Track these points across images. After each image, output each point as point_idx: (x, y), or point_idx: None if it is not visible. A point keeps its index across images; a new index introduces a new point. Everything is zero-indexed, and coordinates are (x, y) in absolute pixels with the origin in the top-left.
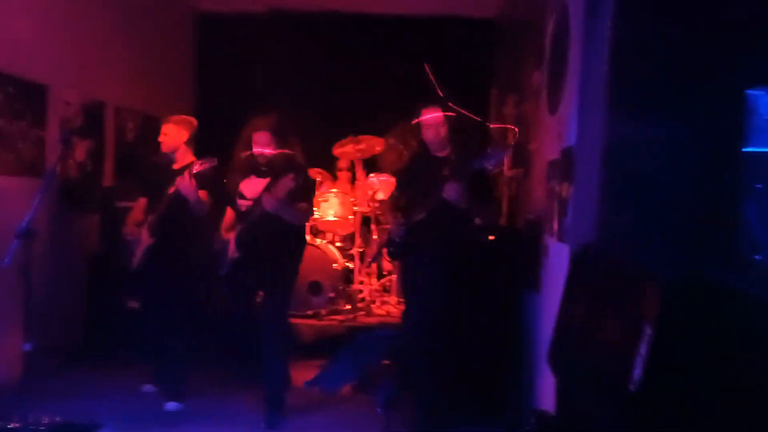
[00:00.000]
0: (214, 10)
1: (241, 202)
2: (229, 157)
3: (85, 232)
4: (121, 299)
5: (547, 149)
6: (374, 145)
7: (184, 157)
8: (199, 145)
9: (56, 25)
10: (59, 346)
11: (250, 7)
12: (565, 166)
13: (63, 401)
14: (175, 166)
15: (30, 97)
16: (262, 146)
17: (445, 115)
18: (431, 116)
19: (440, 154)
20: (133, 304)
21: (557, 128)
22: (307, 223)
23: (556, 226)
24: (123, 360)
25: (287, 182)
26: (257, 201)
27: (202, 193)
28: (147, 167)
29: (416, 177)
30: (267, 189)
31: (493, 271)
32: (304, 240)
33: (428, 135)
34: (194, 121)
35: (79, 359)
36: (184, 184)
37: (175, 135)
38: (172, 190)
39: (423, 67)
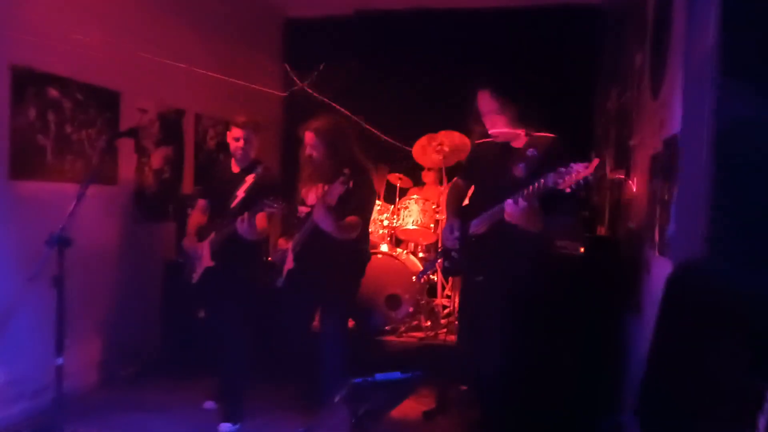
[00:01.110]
0: (301, 16)
1: (301, 208)
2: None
3: (161, 241)
4: (193, 309)
5: (649, 142)
6: (458, 147)
7: (249, 157)
8: (286, 152)
9: (130, 31)
10: (136, 354)
11: (336, 10)
12: (667, 162)
13: (125, 413)
14: (235, 169)
15: (101, 104)
16: (310, 148)
17: (502, 101)
18: (483, 102)
19: (511, 143)
20: (203, 314)
21: (660, 115)
22: (366, 235)
23: (657, 236)
24: (196, 371)
25: (337, 187)
26: (311, 210)
27: (260, 216)
28: (208, 168)
29: (480, 168)
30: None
31: (585, 289)
32: (365, 253)
33: (486, 123)
34: (259, 120)
35: (156, 367)
36: (244, 227)
37: (254, 141)
38: (234, 217)
39: (521, 62)
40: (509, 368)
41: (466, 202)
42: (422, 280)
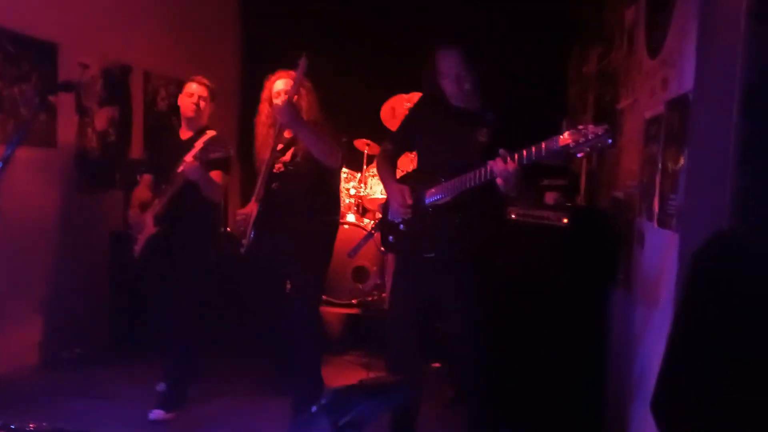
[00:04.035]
0: None
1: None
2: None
3: (107, 210)
4: (140, 285)
5: (645, 104)
6: None
7: (200, 123)
8: (244, 121)
9: None
10: (81, 334)
11: None
12: (673, 124)
13: (67, 399)
14: (184, 135)
15: (36, 57)
16: (283, 91)
17: (468, 62)
18: (447, 62)
19: (465, 106)
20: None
21: (661, 74)
22: (335, 204)
23: (657, 206)
24: (147, 351)
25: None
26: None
27: (215, 174)
28: (153, 137)
29: (428, 133)
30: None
31: (569, 262)
32: (334, 223)
33: (447, 86)
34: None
35: (103, 348)
36: (191, 168)
37: (209, 104)
38: (179, 170)
39: (487, 23)
40: (488, 346)
41: (409, 169)
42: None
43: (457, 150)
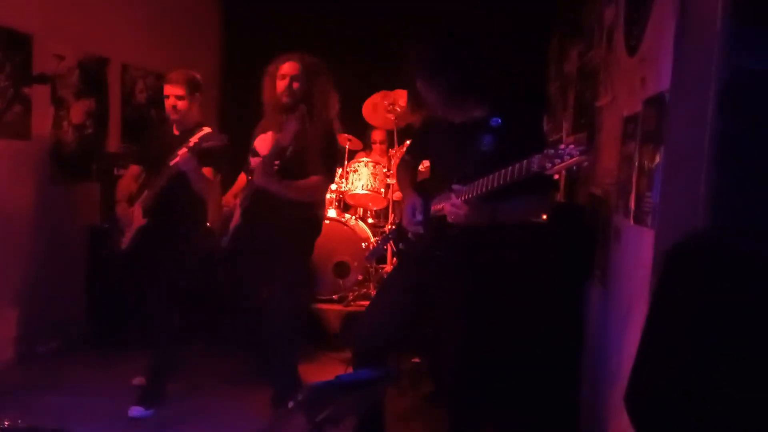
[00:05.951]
0: None
1: (253, 160)
2: (255, 120)
3: (83, 204)
4: (121, 278)
5: (623, 102)
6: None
7: (190, 120)
8: (225, 109)
9: None
10: (57, 328)
11: None
12: (650, 122)
13: (43, 393)
14: (176, 131)
15: (10, 48)
16: (290, 80)
17: (441, 87)
18: (422, 89)
19: (457, 120)
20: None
21: (639, 72)
22: (323, 198)
23: (633, 203)
24: (124, 346)
25: (292, 124)
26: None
27: (207, 170)
28: (145, 131)
29: (436, 144)
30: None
31: (545, 258)
32: (320, 218)
33: (431, 110)
34: (198, 76)
35: (79, 342)
36: (185, 159)
37: (186, 99)
38: (172, 163)
39: (469, 23)
40: (468, 342)
41: (426, 175)
42: (368, 259)
43: (459, 162)
